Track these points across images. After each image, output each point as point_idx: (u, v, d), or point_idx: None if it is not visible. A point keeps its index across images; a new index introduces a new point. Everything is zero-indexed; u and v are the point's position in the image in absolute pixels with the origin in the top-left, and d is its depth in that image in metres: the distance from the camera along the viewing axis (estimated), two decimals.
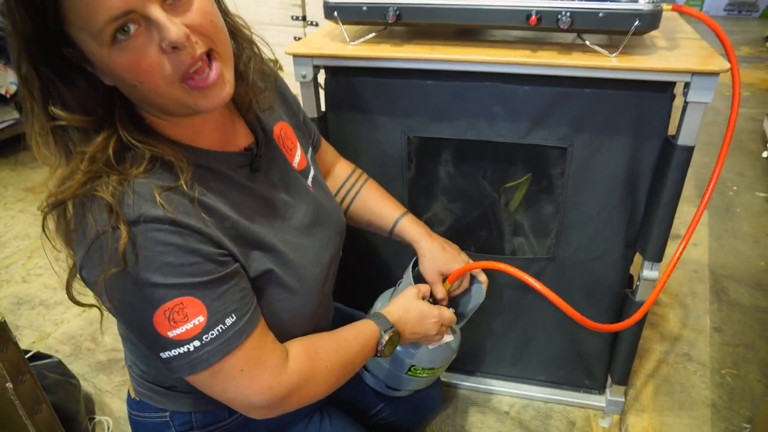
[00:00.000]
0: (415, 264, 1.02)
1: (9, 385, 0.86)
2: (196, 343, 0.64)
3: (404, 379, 0.98)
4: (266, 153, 0.80)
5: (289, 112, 0.90)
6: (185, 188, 0.64)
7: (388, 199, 1.05)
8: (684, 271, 1.89)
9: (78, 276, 0.66)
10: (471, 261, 1.02)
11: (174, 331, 0.63)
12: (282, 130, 0.85)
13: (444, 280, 1.00)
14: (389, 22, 1.01)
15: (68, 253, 0.68)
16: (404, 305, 0.90)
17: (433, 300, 0.99)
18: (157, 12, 0.56)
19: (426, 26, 1.10)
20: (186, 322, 0.63)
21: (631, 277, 1.23)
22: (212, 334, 0.64)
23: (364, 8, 1.02)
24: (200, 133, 0.71)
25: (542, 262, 1.20)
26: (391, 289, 1.06)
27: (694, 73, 0.92)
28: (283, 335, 0.76)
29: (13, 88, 2.71)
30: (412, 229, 1.01)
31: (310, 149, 0.93)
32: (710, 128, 3.02)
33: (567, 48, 1.02)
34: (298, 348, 0.75)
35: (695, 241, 2.05)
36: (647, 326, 1.64)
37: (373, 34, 1.09)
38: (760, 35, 4.76)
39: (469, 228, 1.30)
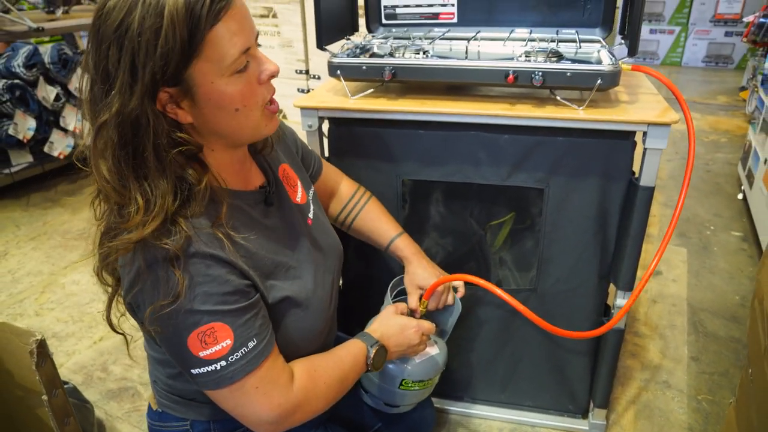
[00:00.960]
0: (395, 286, 1.13)
1: (44, 397, 0.95)
2: (223, 363, 0.74)
3: (398, 394, 1.08)
4: (276, 190, 0.93)
5: (288, 152, 1.03)
6: (224, 226, 0.76)
7: (387, 218, 1.17)
8: (664, 305, 2.00)
9: (124, 303, 0.77)
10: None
11: (205, 352, 0.73)
12: (284, 170, 0.98)
13: (421, 296, 1.10)
14: (385, 79, 1.16)
15: (109, 284, 0.81)
16: (384, 321, 1.00)
17: (412, 315, 1.10)
18: (258, 51, 0.75)
19: (418, 83, 1.25)
20: (216, 344, 0.73)
21: (608, 306, 1.34)
22: (237, 356, 0.75)
23: (364, 68, 1.17)
24: (231, 174, 0.83)
25: (525, 293, 1.31)
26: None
27: (650, 124, 1.07)
28: (295, 353, 0.86)
29: (30, 134, 2.85)
30: (405, 248, 1.13)
31: (312, 189, 1.05)
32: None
33: (541, 102, 1.16)
34: (301, 368, 0.85)
35: (675, 277, 2.17)
36: (629, 356, 1.74)
37: (372, 89, 1.24)
38: (735, 85, 5.01)
39: (459, 262, 1.42)
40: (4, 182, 3.00)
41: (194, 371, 0.75)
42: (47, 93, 2.94)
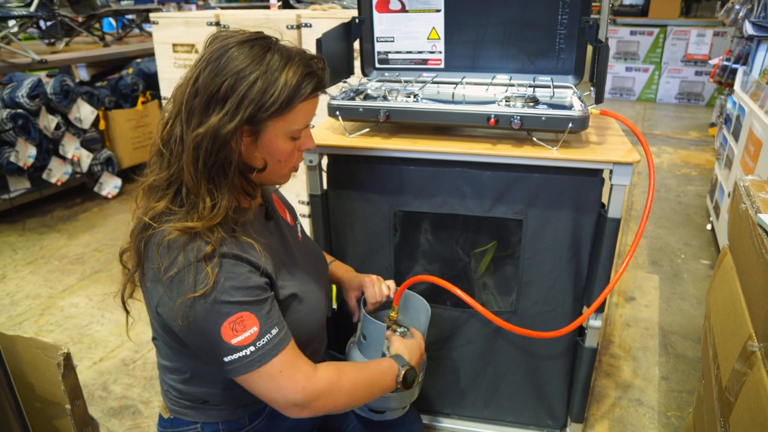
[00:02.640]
0: (364, 303, 1.22)
1: (68, 406, 1.04)
2: (252, 348, 0.86)
3: (381, 398, 1.17)
4: (272, 208, 1.08)
5: (275, 190, 1.19)
6: (247, 232, 0.92)
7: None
8: (637, 329, 2.13)
9: (160, 295, 0.87)
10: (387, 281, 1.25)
11: (236, 339, 0.85)
12: (276, 199, 1.15)
13: (364, 301, 1.21)
14: (380, 120, 1.29)
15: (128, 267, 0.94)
16: (407, 345, 1.12)
17: (392, 322, 1.20)
18: (308, 129, 0.97)
19: (409, 124, 1.38)
20: (244, 331, 0.85)
21: (582, 328, 1.46)
22: (263, 341, 0.87)
23: (361, 109, 1.30)
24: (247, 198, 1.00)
25: (506, 314, 1.43)
26: (353, 338, 1.24)
27: (615, 163, 1.21)
28: (303, 342, 0.98)
29: (30, 161, 2.94)
30: (337, 271, 1.27)
31: (299, 224, 1.19)
32: (663, 204, 3.36)
33: (519, 142, 1.30)
34: (327, 364, 0.96)
35: (647, 302, 2.31)
36: (604, 375, 1.85)
37: (367, 129, 1.37)
38: (705, 121, 5.27)
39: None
40: (2, 207, 3.08)
41: (227, 359, 0.86)
42: (48, 122, 3.04)
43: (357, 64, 1.60)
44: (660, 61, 6.11)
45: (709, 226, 2.96)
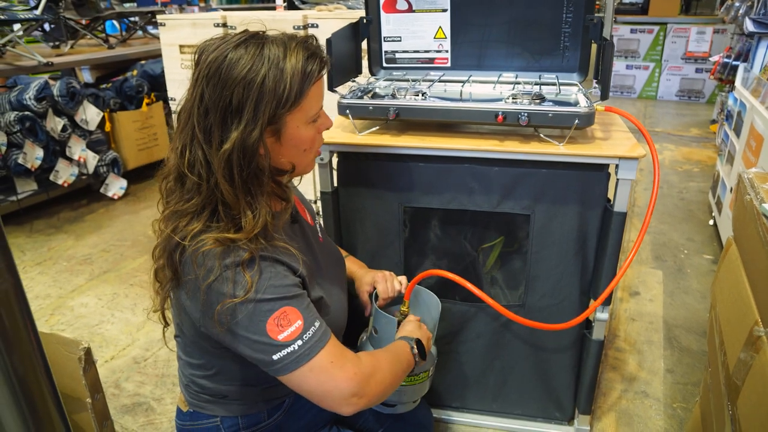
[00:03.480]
0: (375, 298, 1.24)
1: (89, 400, 1.06)
2: (299, 342, 0.87)
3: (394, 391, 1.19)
4: (296, 211, 1.09)
5: (294, 190, 1.20)
6: (281, 237, 0.94)
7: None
8: (642, 323, 2.15)
9: (200, 303, 0.88)
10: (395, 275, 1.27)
11: (283, 334, 0.86)
12: (296, 200, 1.15)
13: (376, 295, 1.23)
14: (390, 118, 1.31)
15: (159, 293, 0.95)
16: (403, 327, 1.14)
17: (402, 317, 1.21)
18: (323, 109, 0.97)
19: (418, 121, 1.41)
20: (290, 325, 0.87)
21: (588, 319, 1.49)
22: (309, 333, 0.88)
23: (370, 108, 1.33)
24: (277, 201, 1.01)
25: (514, 308, 1.45)
26: (365, 333, 1.26)
27: (620, 158, 1.23)
28: None
29: (38, 163, 2.97)
30: (350, 266, 1.28)
31: (318, 224, 1.20)
32: (665, 200, 3.38)
33: (526, 138, 1.32)
34: (362, 353, 0.98)
35: (651, 297, 2.33)
36: (610, 369, 1.88)
37: (377, 127, 1.40)
38: (706, 118, 5.30)
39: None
40: (10, 209, 3.10)
41: (276, 356, 0.86)
42: (55, 124, 3.07)
43: (365, 63, 1.62)
44: (660, 59, 6.13)
45: (711, 222, 2.98)
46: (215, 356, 0.99)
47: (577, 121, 1.22)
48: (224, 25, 2.35)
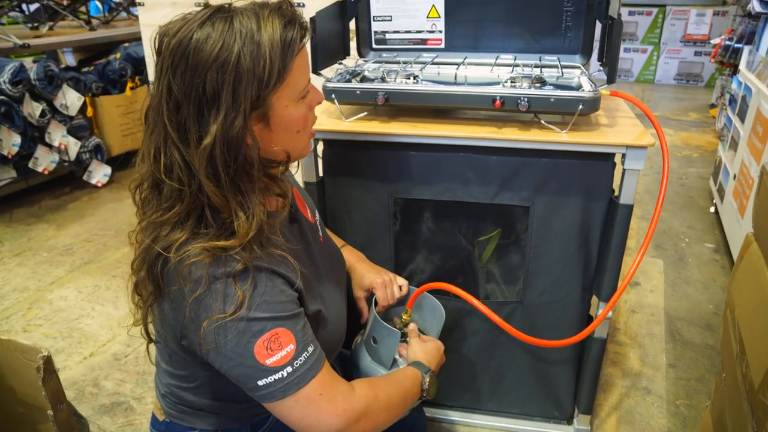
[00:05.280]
0: (375, 303, 1.15)
1: (50, 412, 0.98)
2: (289, 369, 0.77)
3: None
4: (296, 209, 0.98)
5: (293, 181, 1.09)
6: (275, 244, 0.82)
7: (329, 233, 1.20)
8: (643, 315, 2.08)
9: (185, 318, 0.78)
10: (396, 276, 1.18)
11: (272, 359, 0.76)
12: (296, 193, 1.03)
13: (375, 301, 1.14)
14: (378, 103, 1.22)
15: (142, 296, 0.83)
16: (425, 349, 1.05)
17: (403, 325, 1.13)
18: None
19: (409, 107, 1.31)
20: (281, 349, 0.77)
21: (590, 316, 1.41)
22: (301, 360, 0.78)
23: (358, 92, 1.23)
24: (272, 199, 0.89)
25: (512, 305, 1.37)
26: (360, 337, 1.17)
27: (628, 147, 1.14)
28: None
29: (15, 150, 2.85)
30: (348, 257, 1.17)
31: (317, 213, 1.09)
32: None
33: (527, 125, 1.23)
34: (360, 381, 0.88)
35: (652, 287, 2.26)
36: (610, 364, 1.81)
37: (365, 113, 1.30)
38: (705, 102, 5.21)
39: (448, 276, 1.48)
40: None
41: (261, 382, 0.77)
42: (33, 109, 2.94)
43: (353, 45, 1.52)
44: (659, 42, 6.02)
45: (712, 209, 2.91)
46: (199, 369, 0.89)
47: (581, 106, 1.13)
48: (206, 5, 2.23)
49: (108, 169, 3.51)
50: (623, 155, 1.16)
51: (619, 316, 2.06)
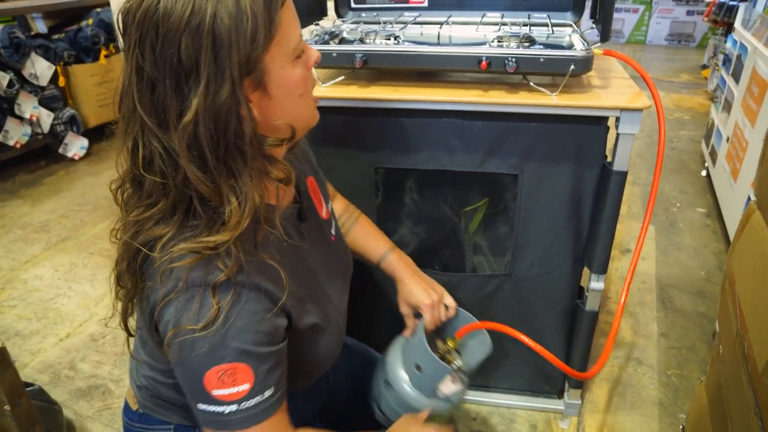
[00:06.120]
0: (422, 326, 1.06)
1: (7, 407, 0.91)
2: (233, 408, 0.68)
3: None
4: (308, 204, 0.88)
5: (311, 168, 0.99)
6: (270, 249, 0.72)
7: (378, 234, 1.12)
8: (634, 282, 2.04)
9: (154, 318, 0.70)
10: (444, 294, 1.08)
11: (219, 391, 0.67)
12: (312, 183, 0.94)
13: (444, 336, 1.06)
14: (357, 66, 1.13)
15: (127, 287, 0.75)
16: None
17: (441, 355, 1.03)
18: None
19: (390, 70, 1.22)
20: (233, 386, 0.67)
21: (582, 288, 1.36)
22: (250, 403, 0.69)
23: (334, 54, 1.14)
24: (271, 187, 0.78)
25: (500, 278, 1.32)
26: (402, 339, 1.08)
27: (622, 110, 1.07)
28: (314, 371, 0.85)
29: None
30: (396, 264, 1.08)
31: (330, 204, 1.00)
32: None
33: (514, 87, 1.15)
34: None
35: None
36: (601, 334, 1.77)
37: (342, 77, 1.21)
38: (697, 63, 5.11)
39: (433, 248, 1.42)
40: None
41: (201, 407, 0.70)
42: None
43: (330, 5, 1.42)
44: (650, 1, 5.87)
45: (704, 173, 2.85)
46: None
47: (572, 66, 1.05)
48: None
49: (85, 142, 3.39)
50: (617, 119, 1.08)
51: (610, 284, 2.02)
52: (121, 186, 0.73)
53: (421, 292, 1.05)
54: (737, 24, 2.70)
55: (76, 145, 3.35)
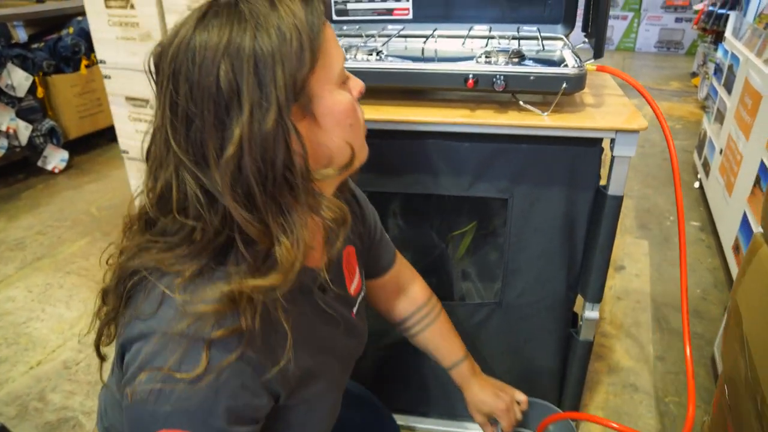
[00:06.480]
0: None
1: None
2: None
3: None
4: (336, 276, 0.79)
5: (363, 234, 0.91)
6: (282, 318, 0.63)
7: (454, 335, 1.07)
8: (628, 301, 1.98)
9: (121, 351, 0.63)
10: (514, 392, 1.06)
11: None
12: (348, 254, 0.86)
13: (495, 421, 1.03)
14: None
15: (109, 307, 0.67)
16: None
17: None
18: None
19: (372, 87, 1.15)
20: None
21: (576, 315, 1.29)
22: None
23: None
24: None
25: (490, 306, 1.25)
26: None
27: (618, 131, 1.00)
28: None
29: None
30: (467, 372, 1.04)
31: (364, 291, 0.91)
32: (648, 160, 3.20)
33: (503, 106, 1.09)
34: None
35: (637, 271, 2.16)
36: (596, 358, 1.71)
37: None
38: (686, 70, 5.10)
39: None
40: None
41: None
42: None
43: None
44: (639, 8, 5.87)
45: (696, 184, 2.81)
46: None
47: (564, 84, 0.99)
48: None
49: (65, 154, 3.29)
50: (612, 140, 1.02)
51: (604, 304, 1.96)
52: (130, 227, 0.67)
53: (492, 399, 1.02)
54: (728, 33, 2.66)
55: (56, 158, 3.26)
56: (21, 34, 3.65)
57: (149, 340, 0.59)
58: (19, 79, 2.95)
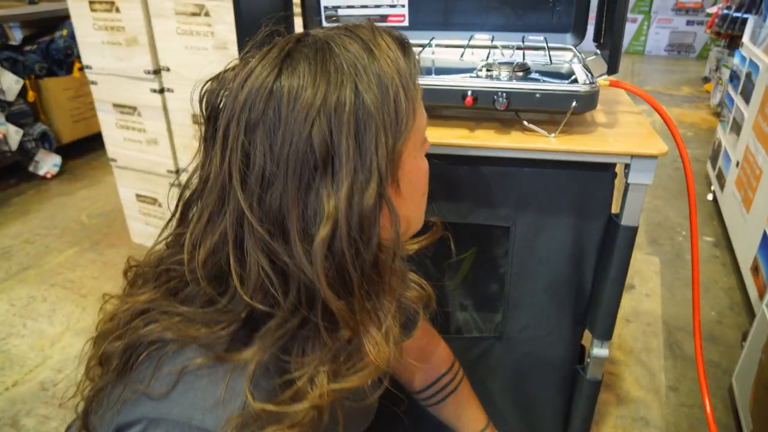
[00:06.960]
0: None
1: None
2: None
3: None
4: None
5: None
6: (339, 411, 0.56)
7: (475, 403, 1.00)
8: (638, 324, 1.87)
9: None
10: None
11: None
12: None
13: None
14: None
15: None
16: None
17: None
18: None
19: None
20: None
21: (583, 348, 1.19)
22: None
23: None
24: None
25: (489, 340, 1.15)
26: None
27: (633, 156, 0.90)
28: None
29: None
30: None
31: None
32: (658, 170, 3.06)
33: (506, 125, 0.98)
34: None
35: (648, 291, 2.05)
36: (604, 387, 1.60)
37: None
38: (698, 75, 4.96)
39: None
40: None
41: None
42: None
43: (298, 22, 1.26)
44: (649, 11, 5.74)
45: (710, 197, 2.69)
46: None
47: (574, 103, 0.88)
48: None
49: (57, 159, 3.21)
50: (627, 165, 0.92)
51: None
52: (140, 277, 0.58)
53: None
54: (745, 39, 2.54)
55: (48, 163, 3.17)
56: (17, 35, 3.58)
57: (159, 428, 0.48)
58: (9, 83, 2.87)
